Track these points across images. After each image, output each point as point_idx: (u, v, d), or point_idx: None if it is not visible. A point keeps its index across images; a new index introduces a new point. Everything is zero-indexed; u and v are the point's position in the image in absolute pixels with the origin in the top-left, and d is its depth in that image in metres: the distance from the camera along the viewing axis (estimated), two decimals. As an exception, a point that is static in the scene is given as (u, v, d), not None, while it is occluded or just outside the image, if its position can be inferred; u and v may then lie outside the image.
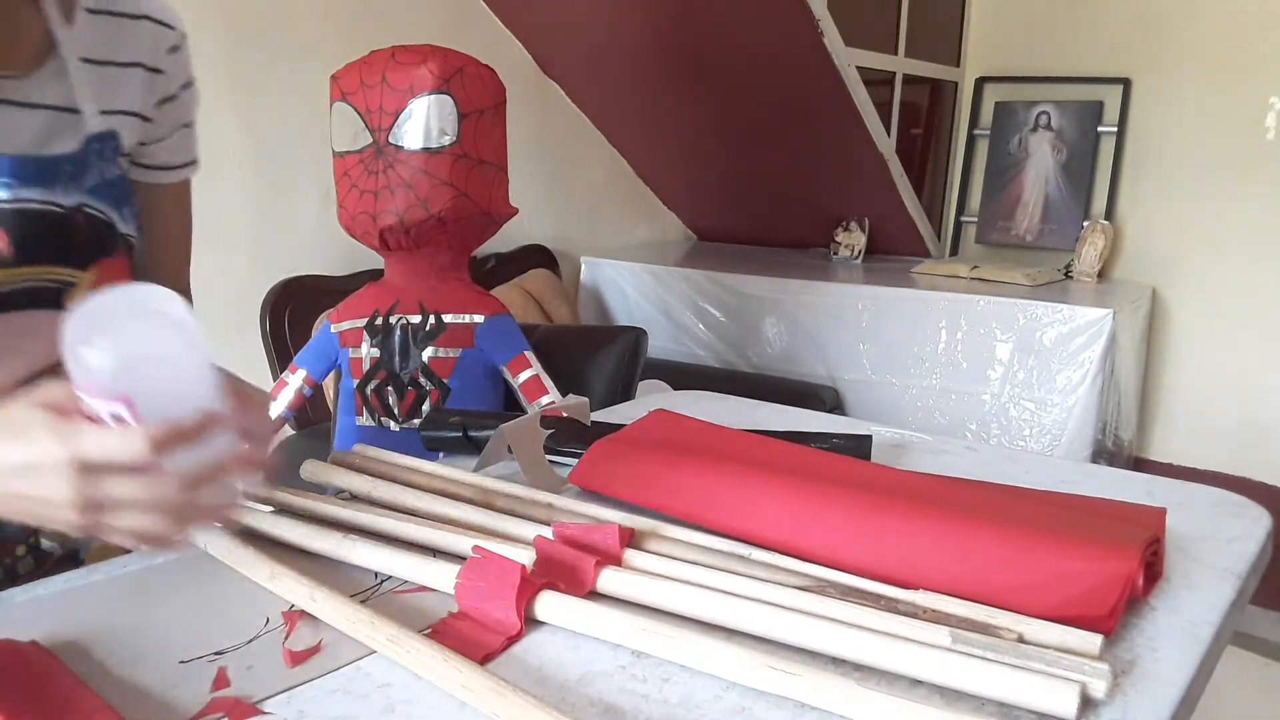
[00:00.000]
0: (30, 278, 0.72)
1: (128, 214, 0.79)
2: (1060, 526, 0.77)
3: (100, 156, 0.76)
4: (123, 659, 0.66)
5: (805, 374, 2.80)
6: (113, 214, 0.77)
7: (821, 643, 0.66)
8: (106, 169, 0.77)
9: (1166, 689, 0.64)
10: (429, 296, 1.69)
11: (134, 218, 0.80)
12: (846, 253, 3.18)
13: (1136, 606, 0.74)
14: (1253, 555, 0.85)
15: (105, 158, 0.77)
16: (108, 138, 0.77)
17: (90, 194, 0.75)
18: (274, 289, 2.12)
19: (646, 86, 2.83)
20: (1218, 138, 2.93)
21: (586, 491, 0.92)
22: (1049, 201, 3.23)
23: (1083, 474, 1.08)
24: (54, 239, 0.73)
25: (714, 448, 0.97)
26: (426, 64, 1.61)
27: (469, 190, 1.65)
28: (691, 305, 2.93)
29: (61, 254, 0.73)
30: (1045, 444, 2.52)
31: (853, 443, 1.06)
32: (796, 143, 2.89)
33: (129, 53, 0.80)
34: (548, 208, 2.92)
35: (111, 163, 0.77)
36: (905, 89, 3.22)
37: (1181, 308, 3.05)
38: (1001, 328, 2.55)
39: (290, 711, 0.61)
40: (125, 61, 0.80)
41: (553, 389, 1.70)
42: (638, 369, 2.04)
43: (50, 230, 0.72)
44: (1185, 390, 3.07)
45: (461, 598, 0.72)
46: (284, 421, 1.74)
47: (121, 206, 0.78)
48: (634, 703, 0.62)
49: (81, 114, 0.75)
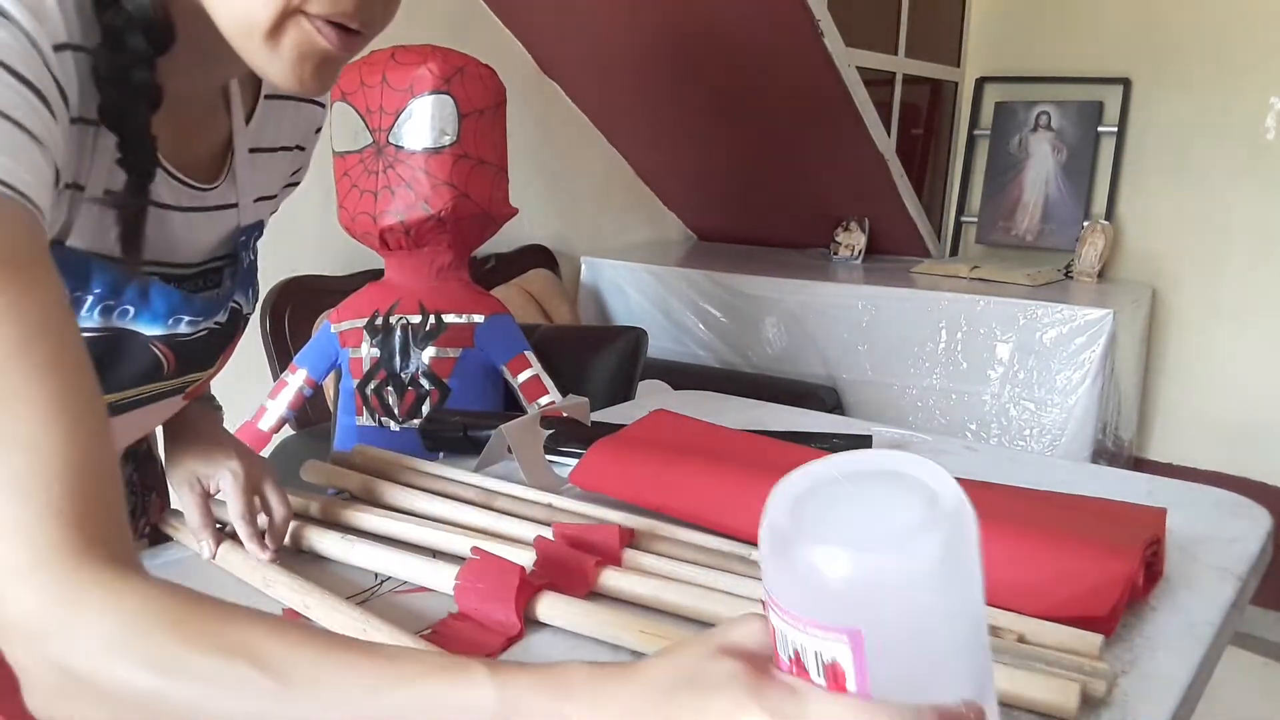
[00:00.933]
0: (175, 383, 0.72)
1: (252, 295, 0.79)
2: (1060, 527, 0.77)
3: (245, 247, 0.75)
4: (123, 659, 0.66)
5: (805, 374, 2.80)
6: (243, 299, 0.77)
7: (822, 643, 0.66)
8: (247, 257, 0.76)
9: (1166, 689, 0.64)
10: (429, 296, 1.69)
11: (255, 296, 0.79)
12: (846, 253, 3.18)
13: (1136, 606, 0.74)
14: (1253, 555, 0.85)
15: (248, 248, 0.76)
16: (255, 228, 0.76)
17: (235, 287, 0.75)
18: (274, 289, 2.12)
19: (646, 86, 2.83)
20: (1218, 138, 2.93)
21: (586, 491, 0.92)
22: (1049, 201, 3.23)
23: (1083, 474, 1.09)
24: (205, 350, 0.73)
25: (714, 448, 0.97)
26: (427, 64, 1.61)
27: (469, 190, 1.65)
28: (691, 305, 2.93)
29: (207, 360, 0.74)
30: (1045, 444, 2.52)
31: (853, 443, 1.06)
32: (796, 143, 2.89)
33: (287, 136, 0.79)
34: (548, 208, 2.92)
35: (250, 251, 0.77)
36: (905, 89, 3.22)
37: (1181, 308, 3.05)
38: (1001, 328, 2.55)
39: (290, 711, 0.61)
40: (284, 146, 0.79)
41: (553, 389, 1.71)
42: (638, 369, 2.04)
43: (204, 344, 0.72)
44: (1185, 390, 3.07)
45: (461, 599, 0.72)
46: (284, 421, 1.74)
47: (249, 289, 0.78)
48: (634, 703, 0.62)
49: (239, 206, 0.74)
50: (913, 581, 0.35)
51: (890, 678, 0.35)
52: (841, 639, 0.35)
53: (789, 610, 0.37)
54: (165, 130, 0.61)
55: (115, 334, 0.64)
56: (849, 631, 0.35)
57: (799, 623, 0.36)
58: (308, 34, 0.56)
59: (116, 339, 0.65)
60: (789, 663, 0.38)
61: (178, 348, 0.69)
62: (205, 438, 0.86)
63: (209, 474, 0.84)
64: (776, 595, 0.38)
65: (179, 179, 0.67)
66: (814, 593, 0.35)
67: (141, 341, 0.67)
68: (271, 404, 1.72)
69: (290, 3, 0.55)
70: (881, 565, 0.35)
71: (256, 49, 0.57)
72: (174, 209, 0.67)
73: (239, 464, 0.83)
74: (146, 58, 0.57)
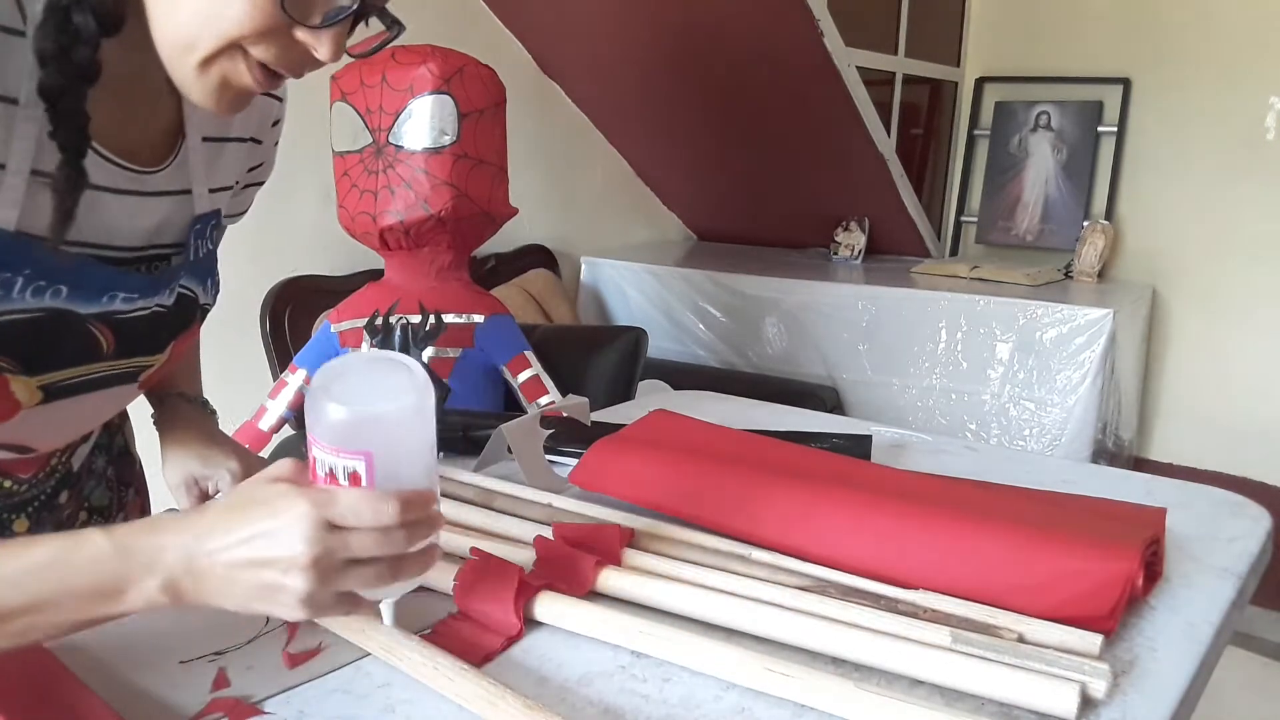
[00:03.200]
0: (118, 366, 0.72)
1: (210, 285, 0.79)
2: (1060, 527, 0.77)
3: (200, 235, 0.76)
4: (123, 660, 0.66)
5: (805, 374, 2.80)
6: (198, 288, 0.77)
7: (821, 643, 0.66)
8: (203, 246, 0.76)
9: (1166, 689, 0.64)
10: (429, 296, 1.69)
11: (215, 288, 0.80)
12: (846, 253, 3.18)
13: (1136, 606, 0.74)
14: (1253, 555, 0.85)
15: (205, 236, 0.76)
16: (211, 216, 0.76)
17: (185, 274, 0.75)
18: (274, 289, 2.11)
19: (646, 86, 2.83)
20: (1218, 138, 2.93)
21: (586, 491, 0.92)
22: (1049, 201, 3.23)
23: (1083, 474, 1.08)
24: (150, 333, 0.73)
25: (714, 448, 0.97)
26: (427, 64, 1.61)
27: (469, 190, 1.65)
28: (691, 305, 2.93)
29: (153, 344, 0.74)
30: (1045, 444, 2.52)
31: (853, 443, 1.06)
32: (796, 143, 2.89)
33: (240, 127, 0.79)
34: (548, 208, 2.92)
35: (208, 240, 0.77)
36: (905, 89, 3.22)
37: (1181, 308, 3.05)
38: (1001, 328, 2.55)
39: (290, 711, 0.61)
40: (238, 136, 0.79)
41: (553, 389, 1.70)
42: (638, 369, 2.04)
43: (149, 326, 0.72)
44: (1185, 390, 3.07)
45: (460, 599, 0.72)
46: (284, 421, 1.74)
47: (207, 279, 0.78)
48: (634, 703, 0.62)
49: (192, 194, 0.74)
50: (400, 421, 0.58)
51: (387, 478, 0.58)
52: (359, 458, 0.57)
53: (326, 443, 0.57)
54: (102, 111, 0.61)
55: (50, 313, 0.64)
56: (364, 453, 0.57)
57: (334, 450, 0.57)
58: (239, 71, 0.59)
59: (52, 318, 0.65)
60: (325, 478, 0.58)
61: (116, 326, 0.69)
62: (202, 439, 0.86)
63: (207, 475, 0.84)
64: (318, 434, 0.58)
65: (113, 161, 0.67)
66: (341, 429, 0.57)
67: (78, 320, 0.67)
68: (272, 404, 1.72)
69: (236, 41, 0.57)
70: (384, 411, 0.58)
71: (185, 69, 0.59)
72: (107, 190, 0.67)
73: (237, 464, 0.83)
74: (91, 38, 0.57)
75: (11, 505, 0.79)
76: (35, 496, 0.80)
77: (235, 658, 0.66)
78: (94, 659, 0.66)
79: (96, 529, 0.56)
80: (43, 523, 0.81)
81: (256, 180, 0.86)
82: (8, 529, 0.79)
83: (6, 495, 0.78)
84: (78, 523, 0.85)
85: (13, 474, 0.78)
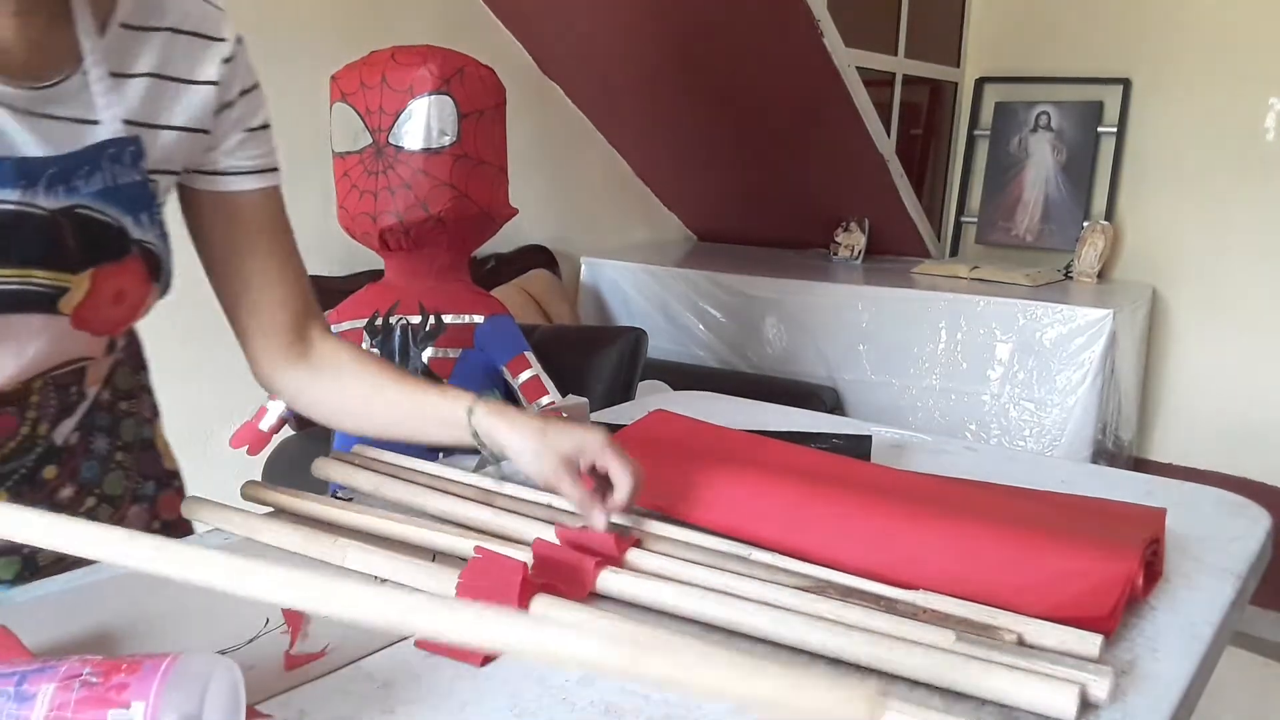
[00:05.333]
0: (10, 279, 0.71)
1: (145, 219, 0.78)
2: (1060, 527, 0.77)
3: (114, 160, 0.75)
4: (123, 659, 0.66)
5: (805, 374, 2.80)
6: (124, 218, 0.76)
7: (821, 643, 0.66)
8: (121, 173, 0.76)
9: (1166, 689, 0.64)
10: (429, 297, 1.69)
11: (154, 224, 0.79)
12: (846, 253, 3.18)
13: (1136, 606, 0.74)
14: (1253, 555, 0.85)
15: (121, 162, 0.75)
16: (124, 143, 0.75)
17: (96, 197, 0.74)
18: (274, 289, 2.11)
19: (646, 86, 2.83)
20: (1218, 138, 2.93)
21: (586, 492, 0.92)
22: (1049, 202, 3.23)
23: (1083, 474, 1.09)
24: (32, 241, 0.71)
25: (714, 448, 0.97)
26: (426, 64, 1.61)
27: (469, 190, 1.65)
28: (691, 305, 2.93)
29: (45, 257, 0.72)
30: (1045, 444, 2.52)
31: (853, 443, 1.06)
32: (796, 143, 2.89)
33: (171, 67, 0.79)
34: (548, 208, 2.92)
35: (129, 168, 0.76)
36: (905, 89, 3.22)
37: (1181, 308, 3.05)
38: (1001, 328, 2.55)
39: (290, 711, 0.61)
40: (165, 75, 0.79)
41: (553, 389, 1.70)
42: (638, 369, 2.04)
43: (28, 232, 0.71)
44: (1185, 390, 3.07)
45: (463, 597, 0.72)
46: (284, 421, 1.74)
47: (138, 211, 0.77)
48: (634, 703, 0.62)
49: (99, 124, 0.74)
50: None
51: None
52: None
53: None
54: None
55: None
56: None
57: None
58: None
59: None
60: None
61: None
62: (539, 421, 0.83)
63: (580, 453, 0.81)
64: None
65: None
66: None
67: None
68: (272, 404, 1.72)
69: None
70: None
71: None
72: None
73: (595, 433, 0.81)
74: None
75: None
76: (15, 469, 0.80)
77: (235, 657, 0.66)
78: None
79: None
80: (23, 496, 0.81)
81: (244, 125, 0.85)
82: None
83: None
84: (82, 507, 0.85)
85: None
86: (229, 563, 0.55)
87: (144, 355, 0.96)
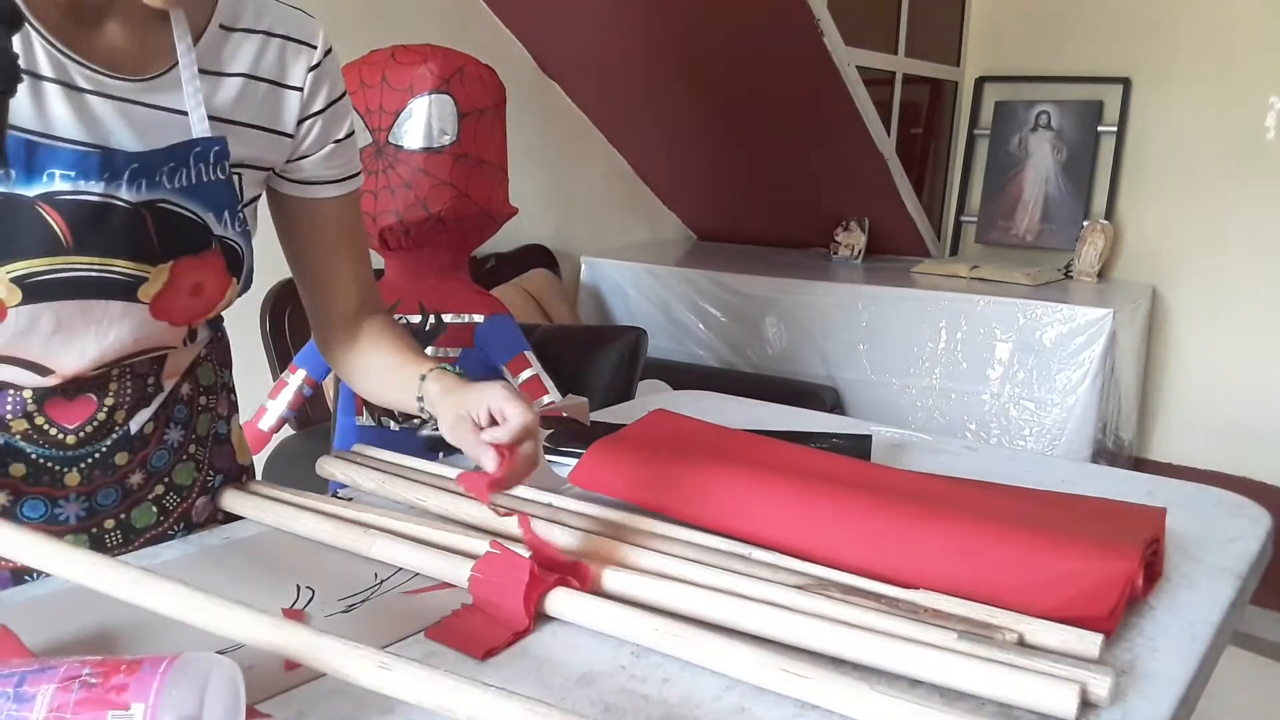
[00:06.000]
0: (93, 266, 0.74)
1: (227, 216, 0.81)
2: (1060, 527, 0.77)
3: (200, 159, 0.78)
4: (122, 659, 0.66)
5: (805, 374, 2.80)
6: (207, 214, 0.79)
7: (822, 642, 0.66)
8: (206, 172, 0.79)
9: (1166, 689, 0.64)
10: (429, 296, 1.69)
11: (236, 221, 0.82)
12: (846, 253, 3.18)
13: (1136, 606, 0.74)
14: (1253, 555, 0.85)
15: (206, 160, 0.79)
16: (211, 142, 0.79)
17: (179, 193, 0.77)
18: (273, 289, 2.11)
19: (646, 86, 2.83)
20: (1218, 138, 2.93)
21: (586, 491, 0.92)
22: (1049, 201, 3.23)
23: (1083, 474, 1.09)
24: (116, 232, 0.74)
25: (714, 448, 0.97)
26: (427, 64, 1.61)
27: (469, 190, 1.65)
28: (691, 305, 2.93)
29: (127, 248, 0.75)
30: (1045, 444, 2.52)
31: (853, 443, 1.06)
32: (796, 143, 2.89)
33: (263, 69, 0.83)
34: (548, 208, 2.92)
35: (215, 166, 0.79)
36: (905, 89, 3.22)
37: (1181, 308, 3.05)
38: (1001, 328, 2.55)
39: (290, 711, 0.61)
40: (257, 76, 0.83)
41: (552, 389, 1.70)
42: (638, 369, 2.04)
43: (112, 223, 0.74)
44: (1185, 390, 3.07)
45: (475, 590, 0.73)
46: (284, 421, 1.74)
47: (221, 209, 0.80)
48: (634, 703, 0.62)
49: (188, 117, 0.78)
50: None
51: None
52: None
53: None
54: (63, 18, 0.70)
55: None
56: None
57: None
58: None
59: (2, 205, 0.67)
60: None
61: (62, 210, 0.71)
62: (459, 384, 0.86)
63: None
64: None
65: (71, 57, 0.72)
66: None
67: (26, 204, 0.69)
68: (272, 404, 1.72)
69: None
70: None
71: None
72: (57, 83, 0.71)
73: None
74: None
75: (63, 458, 0.82)
76: (89, 453, 0.83)
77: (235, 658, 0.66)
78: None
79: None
80: (95, 480, 0.84)
81: (331, 136, 0.88)
82: (59, 481, 0.82)
83: (54, 444, 0.81)
84: (150, 495, 0.88)
85: (58, 421, 0.80)
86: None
87: (229, 353, 0.99)
